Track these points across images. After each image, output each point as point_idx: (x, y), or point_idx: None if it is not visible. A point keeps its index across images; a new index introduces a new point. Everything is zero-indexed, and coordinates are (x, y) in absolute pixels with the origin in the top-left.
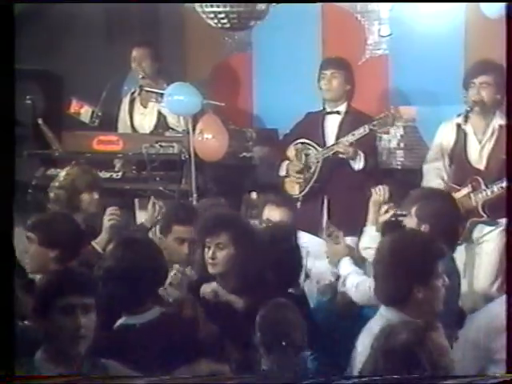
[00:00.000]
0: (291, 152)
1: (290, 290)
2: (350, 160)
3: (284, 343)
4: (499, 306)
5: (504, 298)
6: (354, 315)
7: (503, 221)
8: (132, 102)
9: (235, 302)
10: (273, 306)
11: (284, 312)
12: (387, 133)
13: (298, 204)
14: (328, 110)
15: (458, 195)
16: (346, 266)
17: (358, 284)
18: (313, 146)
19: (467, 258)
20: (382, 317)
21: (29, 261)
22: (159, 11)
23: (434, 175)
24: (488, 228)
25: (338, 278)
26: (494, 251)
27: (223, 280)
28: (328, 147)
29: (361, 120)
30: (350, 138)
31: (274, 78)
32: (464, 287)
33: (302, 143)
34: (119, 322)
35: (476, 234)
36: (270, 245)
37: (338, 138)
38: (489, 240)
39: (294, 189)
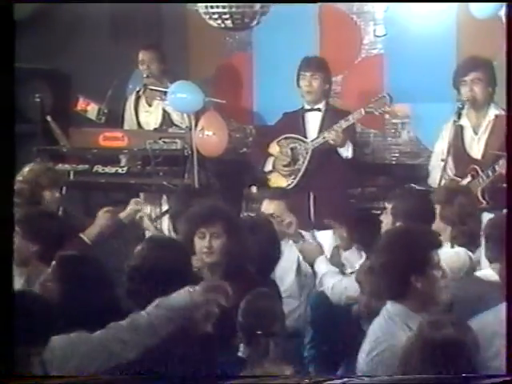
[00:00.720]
0: (274, 149)
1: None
2: (339, 148)
3: (259, 332)
4: (494, 314)
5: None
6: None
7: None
8: (137, 100)
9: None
10: (257, 294)
11: (267, 301)
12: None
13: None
14: (308, 107)
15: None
16: (323, 266)
17: (333, 285)
18: (298, 139)
19: None
20: (388, 311)
21: (15, 253)
22: (163, 13)
23: (439, 172)
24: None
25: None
26: None
27: (214, 269)
28: (318, 136)
29: (341, 116)
30: (344, 124)
31: (274, 76)
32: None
33: (286, 138)
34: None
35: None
36: (253, 234)
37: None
38: None
39: (281, 183)
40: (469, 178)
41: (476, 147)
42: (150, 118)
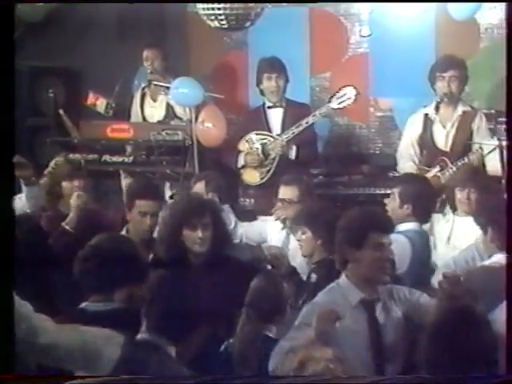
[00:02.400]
0: (243, 145)
1: None
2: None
3: (244, 310)
4: None
5: None
6: None
7: None
8: (142, 95)
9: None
10: (263, 276)
11: (268, 285)
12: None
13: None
14: (269, 104)
15: (428, 176)
16: None
17: None
18: (268, 135)
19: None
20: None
21: None
22: (165, 14)
23: (407, 160)
24: None
25: None
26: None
27: (205, 257)
28: (288, 131)
29: (300, 109)
30: (311, 119)
31: None
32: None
33: (256, 134)
34: (81, 305)
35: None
36: None
37: (283, 127)
38: None
39: (254, 177)
40: (437, 169)
41: (444, 140)
42: (155, 111)
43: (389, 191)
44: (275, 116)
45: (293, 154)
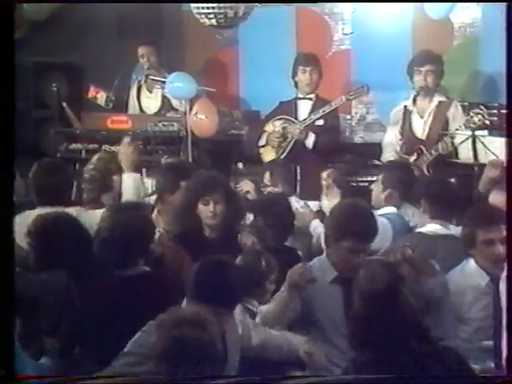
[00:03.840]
0: (270, 127)
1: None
2: (303, 140)
3: None
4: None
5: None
6: None
7: None
8: (139, 88)
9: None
10: (245, 251)
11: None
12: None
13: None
14: (300, 96)
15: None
16: (319, 227)
17: None
18: (289, 120)
19: None
20: None
21: None
22: (161, 13)
23: (390, 150)
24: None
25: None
26: None
27: (215, 228)
28: (306, 118)
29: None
30: (328, 109)
31: (257, 68)
32: None
33: (279, 119)
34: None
35: None
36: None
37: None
38: None
39: (270, 157)
40: (415, 156)
41: (422, 129)
42: (151, 102)
43: (369, 178)
44: (304, 107)
45: (310, 143)
